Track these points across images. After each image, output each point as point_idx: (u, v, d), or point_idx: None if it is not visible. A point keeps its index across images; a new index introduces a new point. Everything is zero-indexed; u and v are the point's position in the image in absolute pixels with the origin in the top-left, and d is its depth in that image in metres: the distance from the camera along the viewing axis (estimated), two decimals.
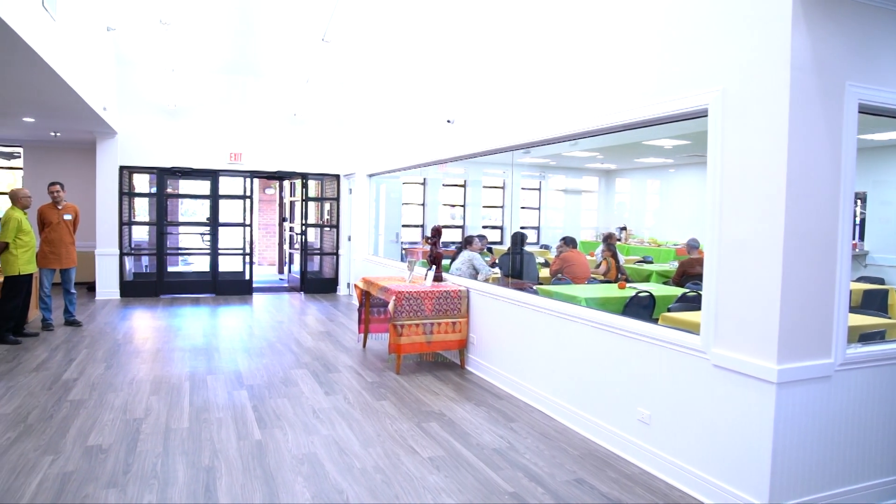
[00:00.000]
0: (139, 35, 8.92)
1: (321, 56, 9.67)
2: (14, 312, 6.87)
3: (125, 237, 10.51)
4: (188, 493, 3.33)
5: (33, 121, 9.10)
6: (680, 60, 3.55)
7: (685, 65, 3.51)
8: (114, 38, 8.77)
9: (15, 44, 4.91)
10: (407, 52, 8.15)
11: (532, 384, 5.03)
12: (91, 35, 7.54)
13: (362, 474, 3.62)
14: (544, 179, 13.49)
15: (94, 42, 7.82)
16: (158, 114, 10.45)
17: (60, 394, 5.04)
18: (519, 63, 5.37)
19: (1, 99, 7.34)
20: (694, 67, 3.44)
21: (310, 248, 11.86)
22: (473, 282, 6.27)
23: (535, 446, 4.11)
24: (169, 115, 10.49)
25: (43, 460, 3.73)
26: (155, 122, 10.45)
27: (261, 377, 5.68)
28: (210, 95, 10.68)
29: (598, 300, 5.68)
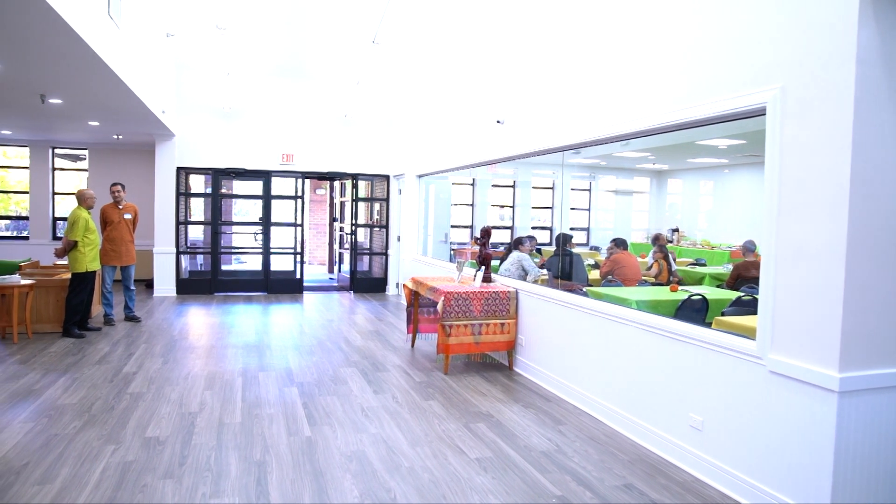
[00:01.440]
0: (196, 40, 9.18)
1: (371, 58, 9.77)
2: (80, 307, 7.16)
3: (181, 236, 10.82)
4: (240, 487, 3.41)
5: (98, 124, 9.47)
6: (736, 57, 3.45)
7: (741, 62, 3.41)
8: (172, 43, 9.05)
9: (84, 52, 5.13)
10: (456, 53, 8.17)
11: (581, 387, 4.98)
12: (151, 41, 7.79)
13: (410, 473, 3.65)
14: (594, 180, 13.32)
15: (154, 48, 8.08)
16: (214, 116, 10.73)
17: (121, 386, 5.22)
18: (569, 62, 5.32)
19: (70, 104, 7.66)
20: (751, 64, 3.34)
21: (359, 247, 11.98)
22: (522, 283, 6.24)
23: (583, 450, 4.07)
24: (224, 117, 10.76)
25: (105, 449, 3.87)
26: (210, 124, 10.73)
27: (311, 375, 5.77)
28: (263, 98, 10.92)
29: (650, 303, 5.58)
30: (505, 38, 6.68)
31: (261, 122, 10.96)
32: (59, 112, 8.28)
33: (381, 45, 8.76)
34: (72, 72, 5.92)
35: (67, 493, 3.29)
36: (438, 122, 8.94)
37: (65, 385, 5.22)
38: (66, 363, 5.93)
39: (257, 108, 10.92)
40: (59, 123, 9.51)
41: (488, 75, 7.11)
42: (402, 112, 10.90)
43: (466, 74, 7.82)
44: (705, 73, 3.70)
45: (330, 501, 3.27)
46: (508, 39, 6.59)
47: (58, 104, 7.65)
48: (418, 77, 9.87)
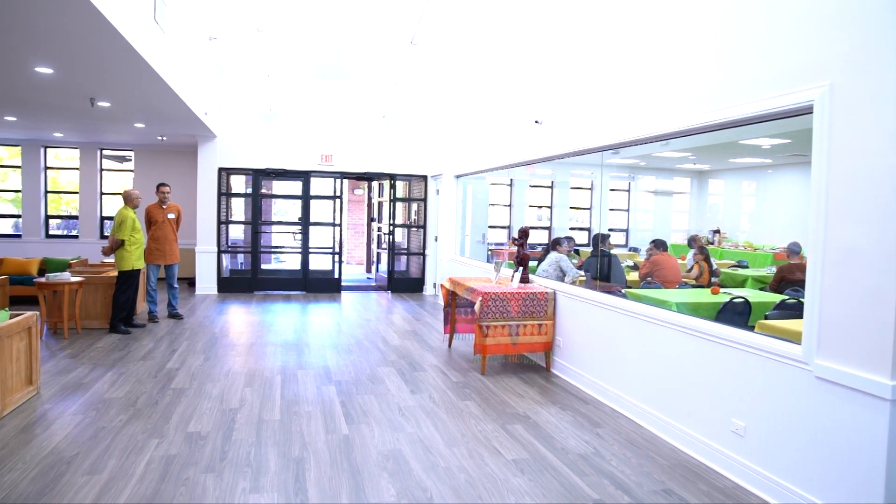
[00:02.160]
0: (237, 43, 9.34)
1: (409, 59, 9.81)
2: (126, 304, 7.36)
3: (223, 235, 11.02)
4: (279, 483, 3.46)
5: (143, 126, 9.71)
6: (781, 54, 3.37)
7: (787, 59, 3.33)
8: (215, 46, 9.23)
9: (131, 57, 5.28)
10: (494, 53, 8.15)
11: (619, 389, 4.92)
12: (194, 45, 7.96)
13: (446, 473, 3.65)
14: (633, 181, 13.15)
15: (197, 51, 8.25)
16: (254, 117, 10.91)
17: (164, 382, 5.34)
18: (608, 61, 5.27)
19: (117, 107, 7.88)
20: (797, 61, 3.26)
21: (397, 247, 12.05)
22: (560, 284, 6.20)
23: (621, 453, 4.02)
24: (264, 118, 10.93)
25: (150, 443, 3.97)
26: (251, 125, 10.91)
27: (348, 373, 5.82)
28: (303, 99, 11.05)
29: (690, 305, 5.49)
30: (543, 37, 6.64)
31: (300, 122, 11.11)
32: (108, 115, 8.52)
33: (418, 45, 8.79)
34: (120, 76, 6.08)
35: (114, 483, 3.38)
36: (476, 122, 8.94)
37: (111, 379, 5.37)
38: (112, 358, 6.10)
39: (297, 110, 11.07)
40: (107, 126, 9.78)
41: (526, 75, 7.08)
42: (440, 112, 10.92)
43: (504, 74, 7.79)
44: (748, 70, 3.62)
45: (367, 499, 3.30)
46: (546, 39, 6.55)
47: (106, 107, 7.87)
48: (456, 77, 9.88)
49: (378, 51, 9.68)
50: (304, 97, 11.06)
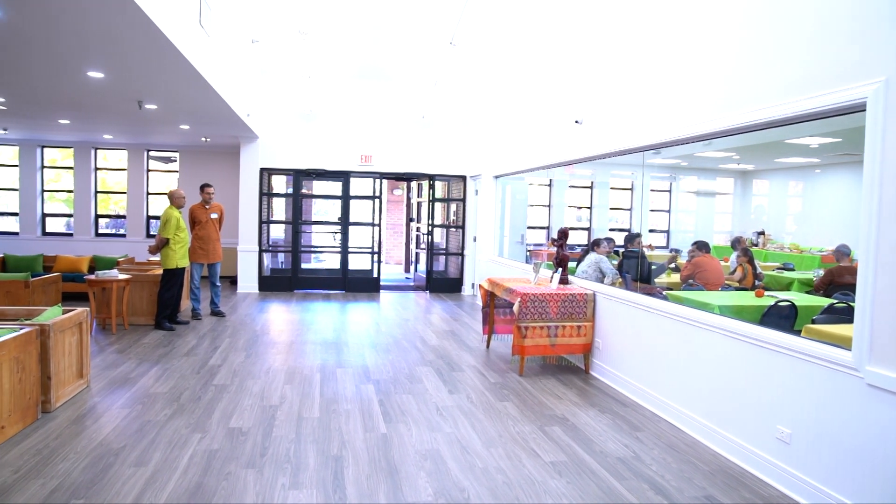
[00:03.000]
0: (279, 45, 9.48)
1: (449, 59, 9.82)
2: (170, 302, 7.53)
3: (264, 235, 11.19)
4: (318, 480, 3.50)
5: (188, 128, 9.93)
6: (833, 50, 3.27)
7: (839, 55, 3.22)
8: (257, 49, 9.38)
9: (177, 60, 5.41)
10: (534, 53, 8.11)
11: (660, 393, 4.84)
12: (237, 47, 8.11)
13: (484, 474, 3.64)
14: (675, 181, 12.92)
15: (240, 53, 8.40)
16: (295, 118, 11.06)
17: (207, 378, 5.45)
18: (649, 60, 5.19)
19: (164, 109, 8.07)
20: (850, 57, 3.15)
21: (436, 248, 12.07)
22: (600, 285, 6.13)
23: (661, 458, 3.95)
24: (305, 119, 11.07)
25: (193, 437, 4.06)
26: (292, 126, 11.06)
27: (387, 373, 5.85)
28: (343, 100, 11.16)
29: (733, 308, 5.37)
30: (583, 36, 6.58)
31: (340, 123, 11.21)
32: (154, 117, 8.74)
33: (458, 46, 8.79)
34: (166, 79, 6.23)
35: (159, 476, 3.46)
36: (515, 123, 8.90)
37: (156, 375, 5.50)
38: (157, 354, 6.25)
39: (337, 110, 11.18)
40: (153, 127, 10.04)
41: (566, 75, 7.02)
42: (479, 113, 10.91)
43: (544, 74, 7.74)
44: (798, 67, 3.52)
45: (405, 498, 3.31)
46: (587, 38, 6.49)
47: (153, 109, 8.07)
48: (495, 77, 9.86)
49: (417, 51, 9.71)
50: (344, 98, 11.17)
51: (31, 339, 4.25)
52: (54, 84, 6.66)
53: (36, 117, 9.31)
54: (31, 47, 5.14)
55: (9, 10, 4.16)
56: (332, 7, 7.88)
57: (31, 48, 5.17)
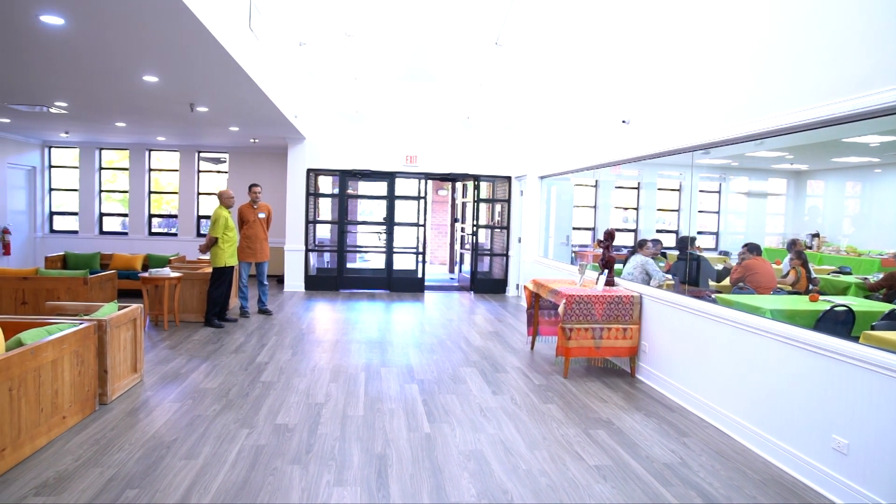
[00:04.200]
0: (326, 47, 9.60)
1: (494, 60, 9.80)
2: (219, 300, 7.70)
3: (310, 235, 11.35)
4: (362, 478, 3.53)
5: (237, 129, 10.14)
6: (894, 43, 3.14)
7: None
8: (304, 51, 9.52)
9: (228, 64, 5.53)
10: (580, 53, 8.02)
11: (708, 398, 4.73)
12: (285, 50, 8.25)
13: (527, 476, 3.62)
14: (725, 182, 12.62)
15: (288, 56, 8.54)
16: (341, 119, 11.19)
17: (254, 375, 5.56)
18: (699, 57, 5.08)
19: (214, 112, 8.27)
20: None
21: (480, 248, 12.06)
22: (646, 287, 6.03)
23: (709, 465, 3.87)
24: (351, 120, 11.19)
25: (241, 432, 4.14)
26: (338, 127, 11.19)
27: (431, 373, 5.87)
28: (388, 101, 11.24)
29: (786, 312, 5.21)
30: (630, 35, 6.48)
31: (386, 124, 11.30)
32: (205, 119, 8.95)
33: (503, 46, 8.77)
34: (217, 82, 6.38)
35: (209, 469, 3.55)
36: (561, 123, 8.83)
37: (206, 371, 5.63)
38: (207, 350, 6.40)
39: (382, 111, 11.27)
40: (204, 129, 10.28)
41: (613, 74, 6.93)
42: (525, 113, 10.85)
43: (590, 74, 7.66)
44: (862, 61, 3.39)
45: (448, 498, 3.31)
46: (633, 37, 6.39)
47: (204, 112, 8.27)
48: (541, 77, 9.79)
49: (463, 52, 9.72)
50: (390, 99, 11.24)
51: (89, 334, 4.40)
52: (112, 89, 6.88)
53: (95, 121, 9.64)
54: (92, 54, 5.33)
55: (73, 20, 4.32)
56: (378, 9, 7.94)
57: (92, 55, 5.36)
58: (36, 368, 3.74)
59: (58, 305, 5.21)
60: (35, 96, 7.63)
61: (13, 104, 8.16)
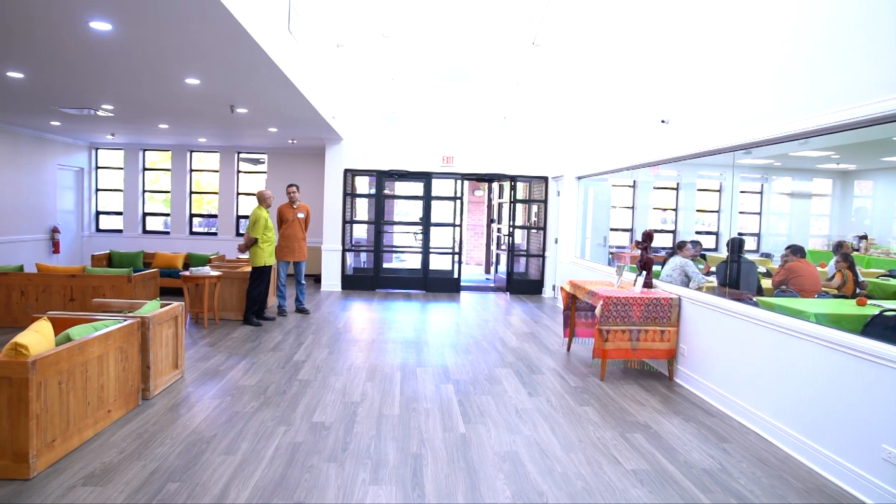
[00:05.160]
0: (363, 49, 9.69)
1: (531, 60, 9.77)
2: (258, 298, 7.82)
3: (347, 234, 11.45)
4: (397, 477, 3.54)
5: (276, 130, 10.28)
6: None
7: None
8: (342, 52, 9.62)
9: (268, 66, 5.61)
10: (618, 52, 7.93)
11: (749, 404, 4.63)
12: (323, 52, 8.33)
13: (563, 479, 3.59)
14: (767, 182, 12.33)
15: (326, 58, 8.63)
16: (378, 120, 11.25)
17: (291, 373, 5.63)
18: (740, 56, 4.97)
19: (254, 113, 8.40)
20: None
21: (516, 249, 12.01)
22: (685, 290, 5.93)
23: (750, 472, 3.78)
24: (387, 120, 11.25)
25: (278, 430, 4.20)
26: (375, 127, 11.27)
27: (466, 373, 5.86)
28: (425, 101, 11.28)
29: (831, 317, 5.07)
30: (668, 34, 6.38)
31: (422, 125, 11.33)
32: (245, 120, 9.10)
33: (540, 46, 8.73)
34: (257, 84, 6.48)
35: (247, 465, 3.60)
36: (598, 123, 8.74)
37: (244, 368, 5.72)
38: (245, 348, 6.50)
39: (419, 112, 11.31)
40: (244, 130, 10.45)
41: (651, 73, 6.83)
42: (561, 113, 10.78)
43: (628, 73, 7.57)
44: None
45: (482, 499, 3.31)
46: (672, 36, 6.29)
47: (244, 113, 8.40)
48: (578, 77, 9.72)
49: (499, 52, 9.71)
50: (426, 100, 11.28)
51: (133, 330, 4.51)
52: (156, 91, 7.05)
53: (139, 123, 9.88)
54: (137, 58, 5.46)
55: (120, 25, 4.43)
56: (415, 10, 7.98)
57: (137, 59, 5.50)
58: (83, 363, 3.85)
59: (103, 303, 5.35)
60: (83, 100, 7.86)
61: (63, 107, 8.42)
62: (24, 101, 8.01)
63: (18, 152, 10.98)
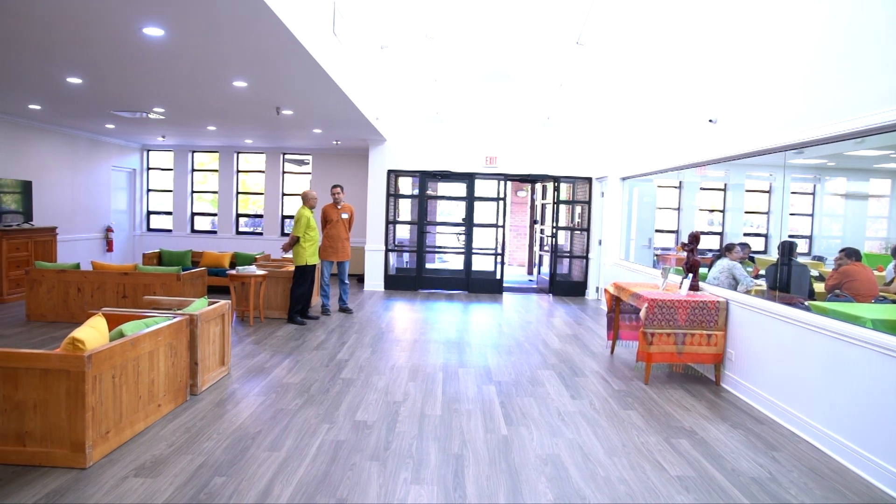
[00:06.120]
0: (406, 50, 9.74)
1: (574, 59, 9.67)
2: (302, 297, 7.93)
3: (390, 235, 11.52)
4: (439, 477, 3.55)
5: (320, 132, 10.42)
6: None
7: None
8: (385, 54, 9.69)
9: (313, 69, 5.70)
10: (663, 51, 7.80)
11: (800, 411, 4.50)
12: (367, 53, 8.41)
13: (606, 483, 3.55)
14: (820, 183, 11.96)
15: (369, 59, 8.70)
16: (421, 121, 11.30)
17: (334, 371, 5.69)
18: (791, 51, 4.83)
19: (299, 115, 8.53)
20: None
21: (560, 250, 11.92)
22: (733, 293, 5.79)
23: (801, 482, 3.67)
24: (430, 121, 11.29)
25: (321, 427, 4.25)
26: (418, 128, 11.31)
27: (508, 374, 5.84)
28: (468, 102, 11.28)
29: (890, 323, 4.89)
30: (716, 31, 6.24)
31: (465, 125, 11.34)
32: (290, 122, 9.25)
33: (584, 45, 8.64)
34: (302, 86, 6.57)
35: (291, 461, 3.66)
36: (644, 123, 8.61)
37: (289, 366, 5.81)
38: (289, 347, 6.60)
39: (462, 113, 11.32)
40: (289, 132, 10.62)
41: (698, 72, 6.69)
42: (606, 113, 10.65)
43: (674, 72, 7.43)
44: None
45: (524, 502, 3.29)
46: (720, 32, 6.15)
47: (289, 115, 8.54)
48: (622, 76, 9.59)
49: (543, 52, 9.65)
50: (469, 100, 11.28)
51: (182, 327, 4.63)
52: (205, 94, 7.22)
53: (189, 125, 10.14)
54: (187, 62, 5.61)
55: (172, 31, 4.55)
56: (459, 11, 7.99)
57: (187, 63, 5.64)
58: (135, 358, 3.97)
59: (154, 300, 5.50)
60: (136, 103, 8.10)
61: (117, 111, 8.69)
62: (82, 105, 8.30)
63: (76, 155, 11.37)
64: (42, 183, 10.38)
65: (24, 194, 9.59)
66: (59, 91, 7.30)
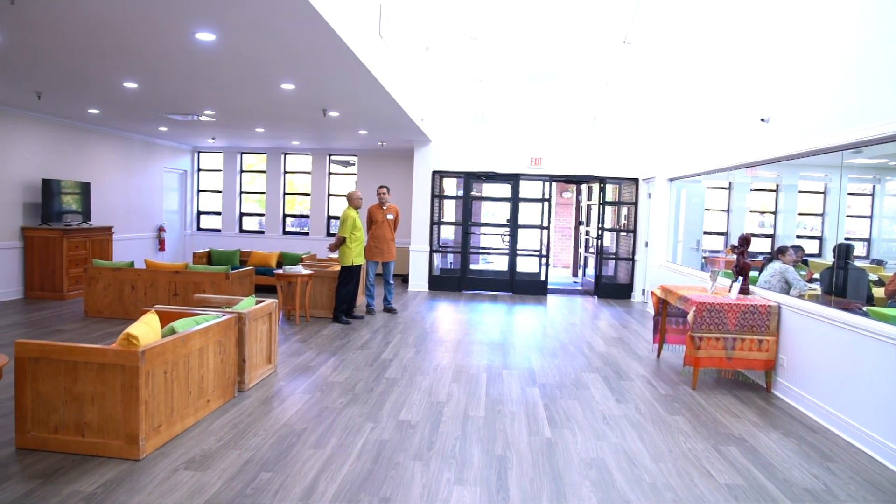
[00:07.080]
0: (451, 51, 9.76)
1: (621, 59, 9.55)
2: (347, 297, 8.02)
3: (434, 236, 11.56)
4: (482, 478, 3.54)
5: (366, 133, 10.52)
6: None
7: None
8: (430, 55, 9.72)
9: (359, 70, 5.76)
10: (712, 49, 7.63)
11: (857, 421, 4.34)
12: (412, 55, 8.45)
13: (651, 489, 3.48)
14: (879, 183, 11.53)
15: (415, 61, 8.75)
16: (466, 122, 11.30)
17: (379, 371, 5.73)
18: (850, 46, 4.66)
19: (345, 116, 8.63)
20: None
21: (605, 252, 11.78)
22: (786, 297, 5.63)
23: (859, 495, 3.54)
24: (475, 122, 11.28)
25: (365, 426, 4.29)
26: (463, 129, 11.32)
27: (552, 377, 5.80)
28: (513, 102, 11.24)
29: None
30: (768, 28, 6.07)
31: (510, 126, 11.30)
32: (336, 123, 9.36)
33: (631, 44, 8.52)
34: (348, 88, 6.65)
35: (335, 459, 3.70)
36: (692, 123, 8.44)
37: (333, 365, 5.88)
38: (334, 346, 6.68)
39: (507, 113, 11.28)
40: (335, 133, 10.76)
41: (749, 70, 6.52)
42: (653, 113, 10.48)
43: (724, 71, 7.26)
44: None
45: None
46: (772, 29, 5.98)
47: (335, 117, 8.65)
48: (670, 75, 9.42)
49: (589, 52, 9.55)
50: (514, 101, 11.24)
51: (230, 325, 4.73)
52: (254, 97, 7.37)
53: (238, 127, 10.36)
54: (237, 66, 5.73)
55: (223, 35, 4.66)
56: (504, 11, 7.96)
57: (237, 66, 5.77)
58: (186, 355, 4.07)
59: (204, 298, 5.63)
60: (188, 106, 8.32)
61: (170, 114, 8.94)
62: (137, 108, 8.57)
63: (131, 156, 11.75)
64: (99, 184, 10.74)
65: (83, 195, 9.94)
66: (116, 95, 7.56)
